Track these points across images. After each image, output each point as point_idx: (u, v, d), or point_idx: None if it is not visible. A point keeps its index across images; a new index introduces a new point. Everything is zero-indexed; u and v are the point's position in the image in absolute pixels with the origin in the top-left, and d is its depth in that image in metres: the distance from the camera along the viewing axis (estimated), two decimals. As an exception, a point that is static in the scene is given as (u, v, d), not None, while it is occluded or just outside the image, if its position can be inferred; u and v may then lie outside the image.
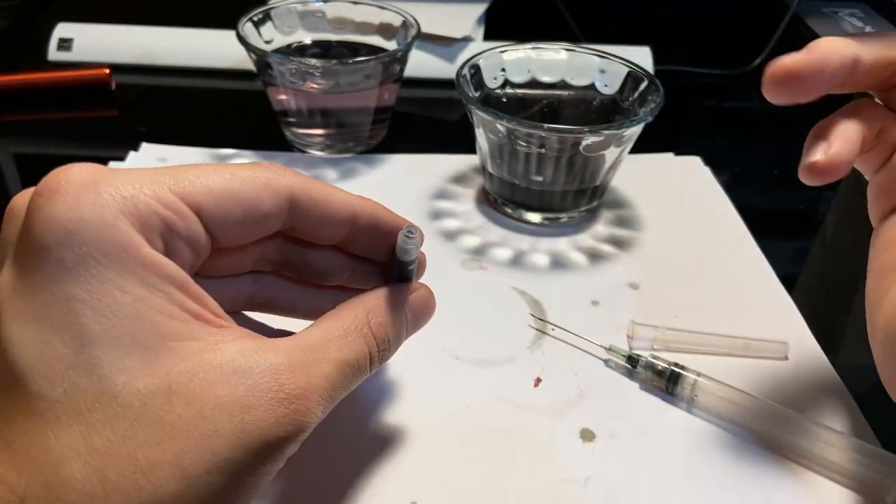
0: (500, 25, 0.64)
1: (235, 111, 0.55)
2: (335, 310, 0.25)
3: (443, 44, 0.58)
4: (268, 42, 0.48)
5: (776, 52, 0.25)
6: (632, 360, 0.32)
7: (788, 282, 0.39)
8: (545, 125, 0.38)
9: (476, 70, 0.43)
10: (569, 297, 0.37)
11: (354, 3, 0.49)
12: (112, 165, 0.36)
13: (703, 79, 0.61)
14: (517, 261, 0.40)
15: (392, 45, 0.49)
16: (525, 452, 0.29)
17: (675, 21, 0.72)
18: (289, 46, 0.49)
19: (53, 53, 0.57)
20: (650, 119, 0.39)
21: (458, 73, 0.42)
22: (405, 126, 0.52)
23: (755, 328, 0.35)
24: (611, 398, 0.32)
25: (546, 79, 0.46)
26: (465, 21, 0.60)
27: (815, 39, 0.25)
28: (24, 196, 0.21)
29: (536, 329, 0.35)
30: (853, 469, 0.28)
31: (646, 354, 0.33)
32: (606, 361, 0.34)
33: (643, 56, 0.57)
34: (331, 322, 0.24)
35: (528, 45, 0.45)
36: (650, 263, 0.40)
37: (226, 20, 0.49)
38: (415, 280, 0.27)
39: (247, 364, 0.20)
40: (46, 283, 0.19)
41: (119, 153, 0.46)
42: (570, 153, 0.39)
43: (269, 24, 0.48)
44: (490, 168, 0.42)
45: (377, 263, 0.27)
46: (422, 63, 0.56)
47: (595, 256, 0.41)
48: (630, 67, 0.43)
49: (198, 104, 0.57)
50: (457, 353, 0.34)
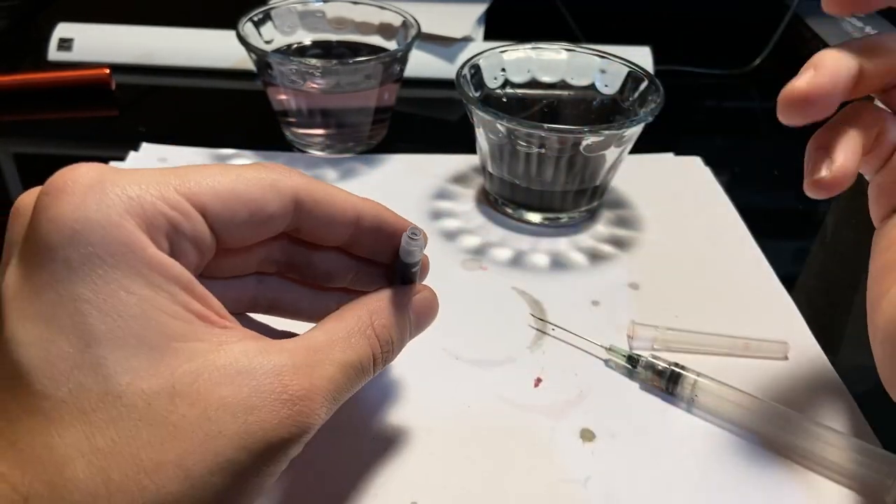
0: (500, 25, 0.64)
1: (235, 111, 0.55)
2: (339, 311, 0.25)
3: (443, 44, 0.58)
4: (268, 42, 0.48)
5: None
6: (632, 360, 0.33)
7: (788, 282, 0.39)
8: (545, 125, 0.38)
9: (476, 70, 0.43)
10: (569, 297, 0.37)
11: (354, 3, 0.49)
12: (112, 165, 0.36)
13: (703, 79, 0.61)
14: (517, 261, 0.40)
15: (392, 45, 0.49)
16: (525, 452, 0.29)
17: (675, 21, 0.72)
18: (289, 46, 0.49)
19: (53, 53, 0.57)
20: (650, 119, 0.39)
21: (459, 73, 0.42)
22: (405, 126, 0.52)
23: (755, 328, 0.35)
24: (611, 398, 0.32)
25: (546, 79, 0.46)
26: (465, 21, 0.60)
27: (819, 52, 0.25)
28: (31, 195, 0.21)
29: (536, 329, 0.36)
30: (853, 469, 0.28)
31: (646, 354, 0.33)
32: (606, 361, 0.34)
33: (643, 56, 0.57)
34: (334, 324, 0.24)
35: (529, 45, 0.45)
36: (650, 263, 0.40)
37: (226, 20, 0.49)
38: (418, 282, 0.27)
39: (251, 365, 0.20)
40: (52, 283, 0.19)
41: (119, 153, 0.46)
42: (571, 153, 0.39)
43: (270, 24, 0.48)
44: (490, 168, 0.42)
45: (381, 265, 0.27)
46: (422, 63, 0.56)
47: (595, 256, 0.41)
48: (630, 67, 0.43)
49: (198, 104, 0.57)
50: (457, 354, 0.34)
